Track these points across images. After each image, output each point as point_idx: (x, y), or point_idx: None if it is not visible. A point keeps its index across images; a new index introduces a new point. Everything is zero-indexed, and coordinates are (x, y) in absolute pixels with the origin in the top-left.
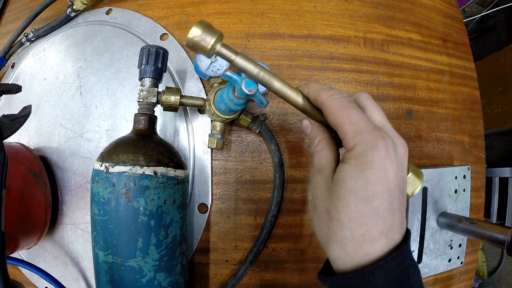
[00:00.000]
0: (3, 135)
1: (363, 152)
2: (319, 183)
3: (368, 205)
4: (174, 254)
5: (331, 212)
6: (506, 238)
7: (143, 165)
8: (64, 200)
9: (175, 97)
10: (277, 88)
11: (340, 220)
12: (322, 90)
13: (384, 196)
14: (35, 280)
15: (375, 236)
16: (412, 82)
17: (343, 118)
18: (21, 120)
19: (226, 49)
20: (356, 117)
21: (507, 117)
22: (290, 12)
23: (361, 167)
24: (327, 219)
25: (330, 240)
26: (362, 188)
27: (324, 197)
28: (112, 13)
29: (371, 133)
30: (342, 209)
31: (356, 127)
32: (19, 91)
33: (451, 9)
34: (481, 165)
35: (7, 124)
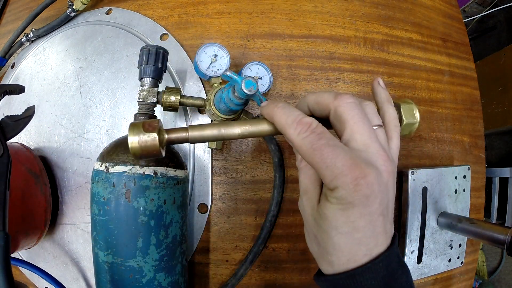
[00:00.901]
0: (6, 136)
1: (343, 195)
2: (306, 206)
3: (351, 238)
4: (174, 254)
5: (317, 238)
6: (506, 238)
7: (143, 165)
8: (64, 200)
9: (175, 97)
10: (243, 132)
11: (326, 248)
12: (288, 125)
13: (366, 227)
14: (35, 280)
15: (359, 258)
16: (412, 82)
17: (316, 162)
18: (24, 121)
19: (174, 133)
20: (330, 158)
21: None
22: (290, 12)
23: (342, 207)
24: (315, 242)
25: (319, 257)
26: (344, 225)
27: (311, 223)
28: (112, 13)
29: (349, 174)
30: (327, 240)
31: (332, 171)
32: (22, 92)
33: (451, 9)
34: (481, 165)
35: (11, 125)
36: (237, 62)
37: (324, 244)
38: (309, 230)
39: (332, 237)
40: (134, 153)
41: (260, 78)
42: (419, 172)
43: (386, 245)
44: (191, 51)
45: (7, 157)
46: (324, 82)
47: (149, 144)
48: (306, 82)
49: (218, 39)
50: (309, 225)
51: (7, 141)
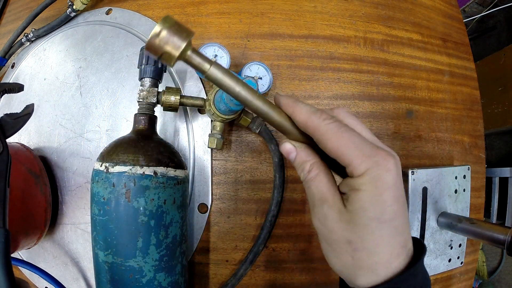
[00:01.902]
0: (6, 134)
1: (377, 176)
2: (329, 215)
3: (391, 226)
4: (174, 254)
5: (354, 242)
6: (506, 238)
7: (143, 165)
8: (64, 200)
9: (175, 97)
10: (258, 107)
11: (367, 248)
12: (312, 113)
13: (401, 212)
14: (35, 280)
15: (399, 251)
16: (412, 82)
17: (346, 143)
18: (24, 118)
19: (198, 57)
20: (358, 140)
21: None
22: (290, 12)
23: (378, 191)
24: (350, 250)
25: (358, 269)
26: (383, 212)
27: (342, 228)
28: (112, 13)
29: (378, 155)
30: (367, 237)
31: (363, 151)
32: (21, 90)
33: (451, 9)
34: (481, 165)
35: (10, 123)
36: (237, 62)
37: (365, 244)
38: (338, 241)
39: (374, 231)
40: (150, 44)
41: (260, 78)
42: (419, 172)
43: (411, 241)
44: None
45: (6, 154)
46: (324, 82)
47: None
48: (306, 82)
49: (218, 39)
50: (338, 234)
51: (7, 139)
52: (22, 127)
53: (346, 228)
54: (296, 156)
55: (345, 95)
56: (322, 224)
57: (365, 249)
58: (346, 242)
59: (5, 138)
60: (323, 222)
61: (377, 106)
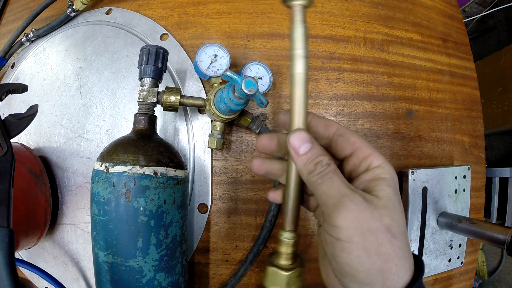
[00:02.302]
0: (10, 134)
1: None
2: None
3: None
4: (174, 254)
5: (393, 227)
6: (506, 238)
7: (143, 165)
8: (64, 200)
9: (175, 97)
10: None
11: (404, 234)
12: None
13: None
14: (35, 280)
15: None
16: (412, 82)
17: (362, 141)
18: (28, 119)
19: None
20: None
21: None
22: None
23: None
24: (389, 237)
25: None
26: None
27: (377, 216)
28: (112, 13)
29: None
30: (403, 222)
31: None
32: (25, 91)
33: (451, 9)
34: (481, 165)
35: (14, 123)
36: (237, 62)
37: (403, 228)
38: (375, 230)
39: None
40: None
41: (260, 78)
42: (419, 172)
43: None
44: (191, 51)
45: (11, 155)
46: (324, 82)
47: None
48: None
49: (218, 39)
50: (374, 224)
51: (11, 139)
52: (26, 128)
53: (383, 214)
54: (312, 148)
55: (345, 95)
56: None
57: (403, 234)
58: (386, 230)
59: (9, 138)
60: (346, 219)
61: (377, 106)
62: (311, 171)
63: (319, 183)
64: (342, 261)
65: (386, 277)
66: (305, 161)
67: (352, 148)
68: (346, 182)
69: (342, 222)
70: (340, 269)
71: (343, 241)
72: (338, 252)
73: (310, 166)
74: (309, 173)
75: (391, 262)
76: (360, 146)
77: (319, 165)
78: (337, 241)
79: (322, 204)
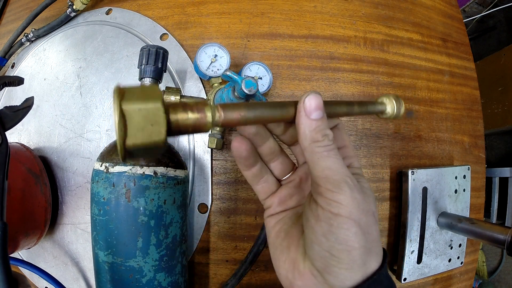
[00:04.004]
0: (5, 126)
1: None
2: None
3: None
4: (174, 254)
5: (375, 213)
6: (506, 238)
7: (143, 165)
8: (64, 200)
9: (175, 97)
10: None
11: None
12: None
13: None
14: (35, 280)
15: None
16: (412, 82)
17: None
18: (23, 111)
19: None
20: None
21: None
22: (290, 12)
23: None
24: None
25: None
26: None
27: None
28: (112, 13)
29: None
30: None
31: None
32: (21, 83)
33: (451, 9)
34: (481, 165)
35: (10, 116)
36: (237, 62)
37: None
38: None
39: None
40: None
41: (260, 78)
42: (419, 172)
43: None
44: (191, 51)
45: (5, 147)
46: (324, 82)
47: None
48: (306, 82)
49: (218, 39)
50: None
51: (6, 131)
52: (21, 120)
53: (370, 201)
54: (323, 117)
55: (345, 95)
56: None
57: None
58: (372, 214)
59: (4, 130)
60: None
61: None
62: (317, 140)
63: (324, 156)
64: (339, 238)
65: (372, 257)
66: (314, 127)
67: (342, 144)
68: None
69: (344, 198)
70: (331, 248)
71: (343, 216)
72: (334, 228)
73: (317, 135)
74: (313, 142)
75: (375, 244)
76: (347, 145)
77: (326, 137)
78: (336, 216)
79: (321, 178)
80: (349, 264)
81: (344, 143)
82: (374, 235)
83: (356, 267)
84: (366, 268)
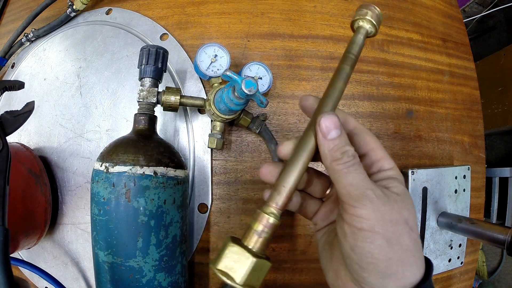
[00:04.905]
0: (6, 132)
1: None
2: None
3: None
4: (174, 254)
5: (411, 220)
6: (506, 238)
7: (143, 165)
8: (64, 200)
9: (175, 97)
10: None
11: (417, 228)
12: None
13: None
14: (35, 280)
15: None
16: (412, 82)
17: (377, 144)
18: (24, 116)
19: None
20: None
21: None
22: (290, 12)
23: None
24: (407, 229)
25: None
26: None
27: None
28: (112, 13)
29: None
30: (414, 217)
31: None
32: (22, 88)
33: (451, 9)
34: (481, 165)
35: (10, 120)
36: (237, 62)
37: (416, 222)
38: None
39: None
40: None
41: (260, 78)
42: (419, 172)
43: None
44: (191, 51)
45: (6, 152)
46: (324, 82)
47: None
48: (306, 82)
49: (218, 39)
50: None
51: (7, 136)
52: (22, 125)
53: (401, 207)
54: (341, 135)
55: (345, 95)
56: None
57: (416, 228)
58: (404, 222)
59: (5, 135)
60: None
61: (377, 106)
62: (337, 158)
63: (345, 173)
64: (364, 251)
65: (406, 268)
66: (332, 146)
67: (366, 148)
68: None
69: (366, 212)
70: (360, 261)
71: (366, 230)
72: (359, 242)
73: (337, 153)
74: (334, 160)
75: (410, 253)
76: (374, 147)
77: (345, 154)
78: (359, 231)
79: (345, 194)
80: (378, 276)
81: (370, 147)
82: (407, 244)
83: (386, 278)
84: (400, 279)
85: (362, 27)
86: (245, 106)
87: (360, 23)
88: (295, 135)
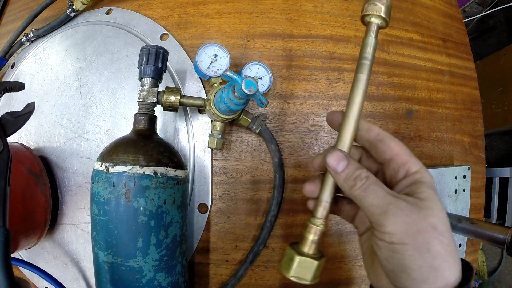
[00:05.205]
0: (6, 133)
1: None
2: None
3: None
4: (174, 254)
5: (439, 225)
6: (506, 238)
7: (143, 165)
8: (64, 200)
9: (175, 97)
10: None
11: (449, 232)
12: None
13: None
14: (35, 280)
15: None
16: (412, 82)
17: (401, 147)
18: (24, 117)
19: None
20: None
21: (507, 117)
22: (290, 12)
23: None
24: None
25: (446, 254)
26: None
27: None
28: (112, 13)
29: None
30: (446, 220)
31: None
32: (22, 89)
33: (451, 9)
34: (481, 165)
35: (11, 122)
36: (237, 62)
37: (448, 226)
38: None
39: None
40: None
41: (260, 78)
42: None
43: None
44: (191, 51)
45: (7, 153)
46: (324, 82)
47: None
48: (306, 82)
49: (218, 39)
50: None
51: (7, 137)
52: (22, 126)
53: (428, 214)
54: (348, 164)
55: (345, 95)
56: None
57: (449, 231)
58: (432, 229)
59: (5, 136)
60: (395, 225)
61: (377, 106)
62: (352, 186)
63: (363, 196)
64: (397, 262)
65: (438, 274)
66: (344, 177)
67: (391, 153)
68: (388, 190)
69: (393, 227)
70: (394, 269)
71: (396, 244)
72: (392, 254)
73: (350, 181)
74: (350, 188)
75: (441, 259)
76: (399, 152)
77: (358, 179)
78: (391, 245)
79: (370, 215)
80: (413, 282)
81: (394, 152)
82: (437, 250)
83: (421, 283)
84: (435, 283)
85: (373, 23)
86: (245, 106)
87: (372, 19)
88: (295, 135)
